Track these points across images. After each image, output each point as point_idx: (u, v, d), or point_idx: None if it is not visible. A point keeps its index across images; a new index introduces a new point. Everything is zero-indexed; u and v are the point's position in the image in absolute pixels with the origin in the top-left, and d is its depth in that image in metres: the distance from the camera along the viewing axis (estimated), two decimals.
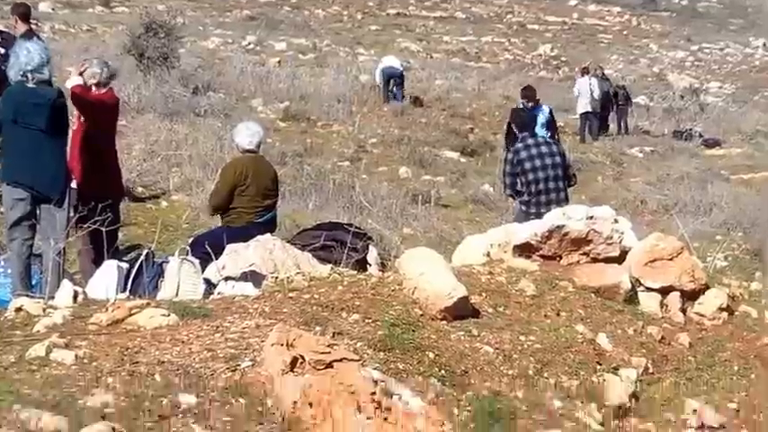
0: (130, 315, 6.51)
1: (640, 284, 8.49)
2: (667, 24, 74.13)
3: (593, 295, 8.20)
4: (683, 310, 8.44)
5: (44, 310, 6.74)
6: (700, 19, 77.42)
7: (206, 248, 9.69)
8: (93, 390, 5.11)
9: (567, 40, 64.10)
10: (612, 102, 32.46)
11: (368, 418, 5.31)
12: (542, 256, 8.75)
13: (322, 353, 5.61)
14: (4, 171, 9.69)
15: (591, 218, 8.76)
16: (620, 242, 8.76)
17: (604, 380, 7.01)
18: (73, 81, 10.32)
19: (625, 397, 6.97)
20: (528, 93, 20.07)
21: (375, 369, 5.93)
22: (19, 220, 9.54)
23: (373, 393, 5.47)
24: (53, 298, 7.52)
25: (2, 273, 9.92)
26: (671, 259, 8.59)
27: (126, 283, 9.08)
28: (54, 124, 9.60)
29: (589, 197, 19.18)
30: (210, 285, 9.14)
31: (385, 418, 5.38)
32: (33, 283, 9.58)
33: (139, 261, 9.35)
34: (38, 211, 9.65)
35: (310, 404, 5.32)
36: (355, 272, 8.49)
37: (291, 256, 9.35)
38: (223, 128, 19.88)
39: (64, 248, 9.39)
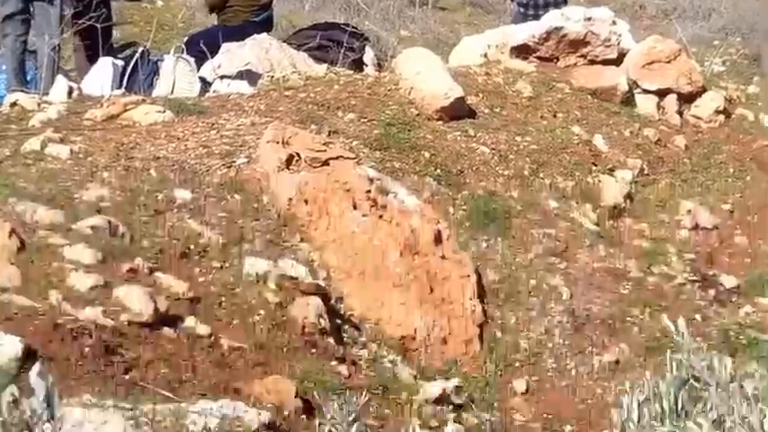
0: (125, 111, 6.48)
1: (637, 86, 8.43)
2: None
3: (589, 97, 8.17)
4: (680, 113, 8.41)
5: (39, 105, 6.71)
6: None
7: (201, 47, 9.60)
8: (88, 184, 5.12)
9: None
10: None
11: (363, 216, 5.35)
12: (539, 58, 8.67)
13: (318, 151, 5.62)
14: None
15: (589, 19, 8.67)
16: (618, 44, 8.67)
17: (600, 180, 7.06)
18: None
19: (620, 197, 7.02)
20: None
21: (371, 168, 5.94)
22: (11, 14, 9.41)
23: (369, 191, 5.49)
24: (48, 94, 7.48)
25: None
26: (668, 62, 8.52)
27: (121, 81, 9.02)
28: None
29: (588, 0, 18.94)
30: (206, 84, 9.08)
31: (380, 216, 5.42)
32: (28, 78, 9.51)
33: (135, 59, 9.27)
34: (31, 8, 9.54)
35: (306, 201, 5.34)
36: (351, 71, 8.43)
37: (287, 56, 9.27)
38: None
39: (59, 45, 9.33)
